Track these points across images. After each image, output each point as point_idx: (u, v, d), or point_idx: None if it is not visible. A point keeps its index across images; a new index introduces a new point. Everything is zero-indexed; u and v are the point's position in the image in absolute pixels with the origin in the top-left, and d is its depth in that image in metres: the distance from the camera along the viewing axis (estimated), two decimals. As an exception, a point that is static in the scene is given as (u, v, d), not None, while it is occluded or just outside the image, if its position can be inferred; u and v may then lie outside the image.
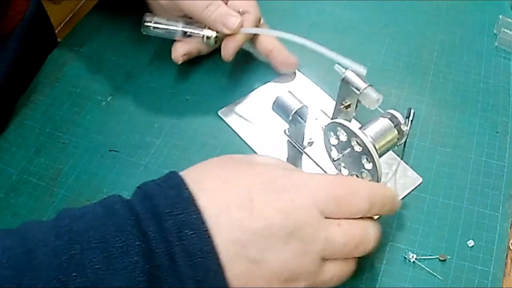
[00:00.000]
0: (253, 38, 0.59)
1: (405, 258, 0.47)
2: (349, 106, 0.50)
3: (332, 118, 0.54)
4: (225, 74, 0.62)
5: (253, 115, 0.57)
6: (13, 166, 0.55)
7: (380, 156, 0.46)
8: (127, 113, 0.59)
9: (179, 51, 0.58)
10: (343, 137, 0.46)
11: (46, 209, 0.51)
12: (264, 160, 0.44)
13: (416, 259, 0.46)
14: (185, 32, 0.57)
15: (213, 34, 0.57)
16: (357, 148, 0.46)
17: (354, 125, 0.45)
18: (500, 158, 0.53)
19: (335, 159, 0.48)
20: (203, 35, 0.57)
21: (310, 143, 0.54)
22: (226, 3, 0.57)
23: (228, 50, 0.57)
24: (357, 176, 0.48)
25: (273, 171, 0.41)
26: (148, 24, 0.58)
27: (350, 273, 0.42)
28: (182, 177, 0.39)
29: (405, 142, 0.48)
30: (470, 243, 0.47)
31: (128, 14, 0.69)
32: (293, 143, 0.53)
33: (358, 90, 0.48)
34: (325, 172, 0.52)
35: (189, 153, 0.55)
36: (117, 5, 0.70)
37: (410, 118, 0.50)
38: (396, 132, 0.46)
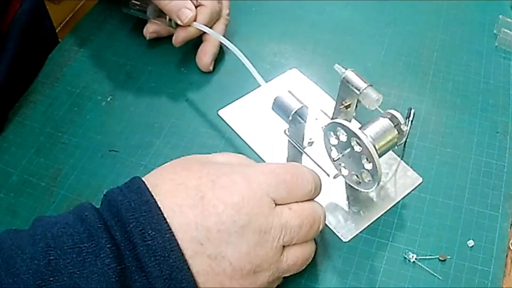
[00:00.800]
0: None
1: (405, 258, 0.47)
2: (349, 106, 0.50)
3: (332, 118, 0.54)
4: (225, 74, 0.62)
5: (253, 115, 0.57)
6: (13, 166, 0.55)
7: (380, 156, 0.46)
8: (127, 113, 0.59)
9: (149, 29, 0.63)
10: (343, 137, 0.46)
11: (46, 209, 0.51)
12: (224, 159, 0.45)
13: (416, 259, 0.46)
14: (157, 14, 0.62)
15: None
16: (357, 148, 0.46)
17: (354, 125, 0.45)
18: (500, 158, 0.53)
19: (335, 159, 0.48)
20: (167, 18, 0.60)
21: (310, 143, 0.54)
22: None
23: (177, 38, 0.60)
24: (356, 176, 0.48)
25: (222, 168, 0.42)
26: (126, 3, 0.63)
27: (311, 254, 0.43)
28: (143, 181, 0.40)
29: (405, 142, 0.48)
30: (470, 243, 0.47)
31: (129, 14, 0.69)
32: (293, 143, 0.53)
33: (358, 90, 0.48)
34: (326, 173, 0.52)
35: (189, 153, 0.54)
36: (117, 5, 0.70)
37: (410, 118, 0.50)
38: (396, 132, 0.46)
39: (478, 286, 0.45)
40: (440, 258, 0.46)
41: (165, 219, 0.38)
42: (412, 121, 0.50)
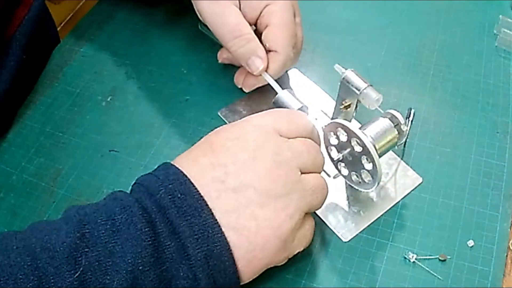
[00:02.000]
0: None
1: (405, 258, 0.47)
2: (349, 106, 0.50)
3: (332, 118, 0.54)
4: (225, 74, 0.62)
5: (252, 114, 0.57)
6: (13, 166, 0.55)
7: (380, 156, 0.46)
8: (127, 113, 0.59)
9: (222, 55, 0.59)
10: (343, 137, 0.47)
11: (46, 209, 0.51)
12: None
13: (416, 259, 0.46)
14: None
15: None
16: (357, 148, 0.46)
17: (354, 125, 0.45)
18: (500, 158, 0.53)
19: (335, 159, 0.48)
20: None
21: (310, 143, 0.54)
22: (260, 34, 0.53)
23: (247, 84, 0.56)
24: (356, 176, 0.48)
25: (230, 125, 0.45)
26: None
27: (325, 184, 0.44)
28: (169, 162, 0.42)
29: (405, 142, 0.48)
30: (470, 243, 0.47)
31: (129, 14, 0.69)
32: (293, 143, 0.53)
33: (358, 90, 0.48)
34: (326, 173, 0.52)
35: (189, 153, 0.55)
36: (117, 5, 0.70)
37: (410, 118, 0.50)
38: (396, 132, 0.46)
39: (478, 286, 0.45)
40: (440, 258, 0.46)
41: (192, 183, 0.39)
42: (412, 121, 0.50)
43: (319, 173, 0.45)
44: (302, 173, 0.42)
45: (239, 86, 0.57)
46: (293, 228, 0.41)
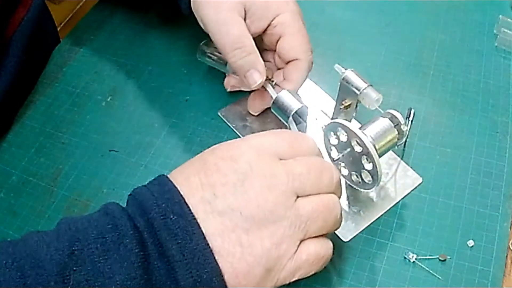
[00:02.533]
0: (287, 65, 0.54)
1: (405, 258, 0.47)
2: (349, 106, 0.50)
3: (332, 118, 0.54)
4: (225, 74, 0.62)
5: (253, 115, 0.57)
6: (13, 166, 0.55)
7: (380, 156, 0.46)
8: (127, 113, 0.59)
9: (230, 82, 0.57)
10: (343, 137, 0.47)
11: (46, 209, 0.51)
12: None
13: (416, 259, 0.46)
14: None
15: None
16: (357, 148, 0.46)
17: (354, 125, 0.45)
18: (500, 158, 0.53)
19: (335, 159, 0.48)
20: None
21: (310, 143, 0.54)
22: (277, 40, 0.53)
23: (254, 107, 0.56)
24: (356, 176, 0.48)
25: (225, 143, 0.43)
26: (203, 52, 0.58)
27: (334, 205, 0.40)
28: (166, 176, 0.41)
29: (405, 142, 0.48)
30: (470, 243, 0.47)
31: (129, 14, 0.69)
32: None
33: (358, 90, 0.48)
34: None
35: (189, 153, 0.55)
36: (117, 5, 0.70)
37: (410, 118, 0.50)
38: (396, 132, 0.46)
39: (478, 286, 0.45)
40: (440, 258, 0.46)
41: (186, 204, 0.37)
42: (412, 121, 0.50)
43: (329, 193, 0.41)
44: (299, 196, 0.39)
45: (253, 113, 0.57)
46: (281, 257, 0.38)
